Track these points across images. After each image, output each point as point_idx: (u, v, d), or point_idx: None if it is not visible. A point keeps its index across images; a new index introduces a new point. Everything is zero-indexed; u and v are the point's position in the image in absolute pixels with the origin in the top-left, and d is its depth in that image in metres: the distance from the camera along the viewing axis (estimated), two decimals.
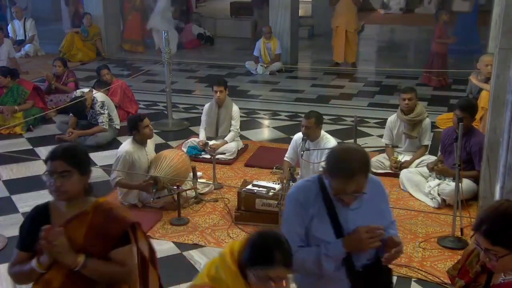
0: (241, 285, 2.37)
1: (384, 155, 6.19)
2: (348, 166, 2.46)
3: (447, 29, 10.07)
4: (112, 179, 5.32)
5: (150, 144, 5.60)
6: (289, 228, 2.64)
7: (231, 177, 6.06)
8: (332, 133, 5.85)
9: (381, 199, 2.75)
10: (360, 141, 5.63)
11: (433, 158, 5.94)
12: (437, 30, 9.91)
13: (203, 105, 6.91)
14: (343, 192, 2.48)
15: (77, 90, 7.51)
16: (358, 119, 5.37)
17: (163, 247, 4.69)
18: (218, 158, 6.21)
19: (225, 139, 6.57)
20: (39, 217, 2.63)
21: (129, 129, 5.42)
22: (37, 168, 6.33)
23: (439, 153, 5.86)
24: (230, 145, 6.51)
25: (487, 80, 6.60)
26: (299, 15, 12.55)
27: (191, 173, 5.56)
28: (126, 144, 5.38)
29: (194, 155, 6.41)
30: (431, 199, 5.42)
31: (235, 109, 6.69)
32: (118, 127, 7.29)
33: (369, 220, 2.58)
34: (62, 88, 8.52)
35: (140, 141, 5.41)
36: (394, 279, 3.64)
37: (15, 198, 5.59)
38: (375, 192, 2.67)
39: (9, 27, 12.78)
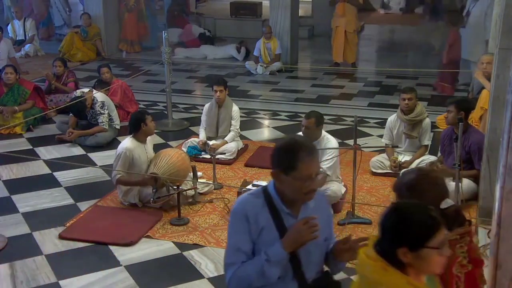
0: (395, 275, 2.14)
1: (384, 155, 6.19)
2: (305, 144, 2.43)
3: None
4: (113, 177, 5.34)
5: (149, 143, 5.60)
6: (235, 245, 2.53)
7: (231, 177, 6.06)
8: (332, 133, 5.84)
9: (325, 211, 2.71)
10: (360, 141, 5.62)
11: (433, 158, 5.95)
12: (451, 36, 9.13)
13: (203, 105, 6.91)
14: (309, 177, 2.41)
15: (77, 90, 7.51)
16: (358, 119, 5.37)
17: (163, 247, 4.69)
18: (218, 158, 6.22)
19: (225, 139, 6.57)
20: None
21: (135, 124, 5.40)
22: (37, 168, 6.33)
23: (439, 153, 5.86)
24: (230, 145, 6.51)
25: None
26: (299, 15, 12.54)
27: (191, 173, 5.56)
28: (126, 142, 5.39)
29: (194, 155, 6.41)
30: None
31: (235, 109, 6.69)
32: (118, 127, 7.29)
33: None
34: (62, 88, 8.52)
35: (141, 138, 5.42)
36: None
37: (15, 198, 5.58)
38: (319, 203, 2.64)
39: (9, 27, 12.77)
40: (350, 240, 2.55)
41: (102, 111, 7.05)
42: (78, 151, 6.88)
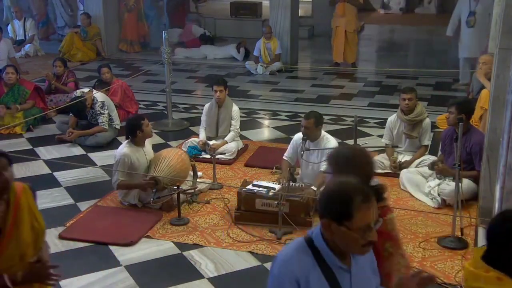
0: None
1: (384, 155, 6.19)
2: (360, 189, 2.11)
3: None
4: (113, 183, 5.34)
5: (148, 144, 5.60)
6: None
7: (231, 177, 6.06)
8: (332, 133, 5.85)
9: (370, 256, 2.35)
10: (360, 141, 5.62)
11: (433, 158, 5.94)
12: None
13: (203, 105, 6.91)
14: (367, 227, 2.09)
15: (77, 90, 7.51)
16: (358, 119, 5.37)
17: (163, 247, 4.69)
18: (218, 158, 6.21)
19: (225, 139, 6.57)
20: None
21: (131, 131, 5.37)
22: (37, 168, 6.33)
23: (439, 153, 5.86)
24: (230, 145, 6.51)
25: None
26: (299, 15, 12.54)
27: (191, 172, 5.56)
28: (123, 147, 5.37)
29: (194, 155, 6.41)
30: (431, 199, 5.42)
31: (235, 109, 6.69)
32: (118, 127, 7.28)
33: (366, 281, 2.26)
34: (62, 88, 8.52)
35: (139, 142, 5.40)
36: None
37: None
38: None
39: (9, 27, 12.77)
40: (421, 275, 2.20)
41: (102, 111, 7.05)
42: (78, 151, 6.88)
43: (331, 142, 5.38)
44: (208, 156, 6.34)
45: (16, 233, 2.50)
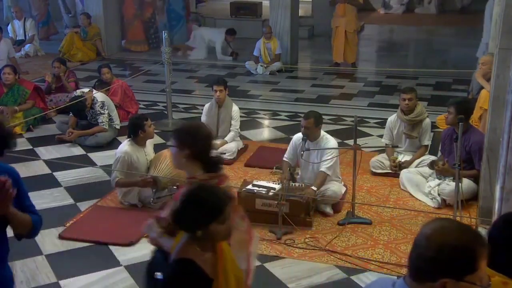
0: None
1: (384, 155, 6.19)
2: (480, 235, 1.81)
3: None
4: (112, 180, 5.34)
5: (149, 145, 5.60)
6: None
7: (231, 177, 6.05)
8: (332, 133, 5.85)
9: None
10: (360, 141, 5.62)
11: (433, 158, 5.94)
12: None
13: (203, 105, 6.91)
14: (485, 277, 1.79)
15: (77, 90, 7.51)
16: (358, 119, 5.37)
17: None
18: None
19: (225, 139, 6.57)
20: None
21: (134, 130, 5.38)
22: (37, 168, 6.33)
23: (439, 153, 5.86)
24: (230, 145, 6.51)
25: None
26: (299, 15, 12.53)
27: None
28: (124, 146, 5.37)
29: None
30: (431, 199, 5.42)
31: (235, 109, 6.69)
32: (118, 127, 7.29)
33: None
34: (66, 84, 8.50)
35: (140, 142, 5.41)
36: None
37: None
38: None
39: (9, 27, 12.77)
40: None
41: (102, 111, 7.05)
42: (78, 151, 6.88)
43: (331, 142, 5.38)
44: None
45: (226, 285, 2.44)
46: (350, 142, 6.03)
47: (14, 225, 2.67)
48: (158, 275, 2.53)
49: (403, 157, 6.12)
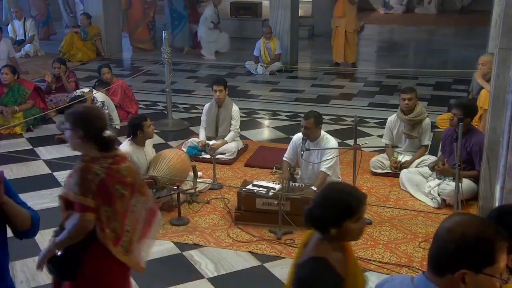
0: None
1: (384, 155, 6.20)
2: (498, 229, 1.83)
3: None
4: None
5: (149, 145, 5.60)
6: None
7: (231, 177, 6.06)
8: (332, 133, 5.85)
9: None
10: (360, 141, 5.62)
11: (433, 158, 5.94)
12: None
13: (203, 105, 6.91)
14: (504, 270, 1.82)
15: (77, 90, 7.51)
16: (358, 119, 5.37)
17: (163, 247, 4.69)
18: (218, 158, 6.21)
19: (225, 139, 6.57)
20: None
21: (133, 130, 5.38)
22: (37, 168, 6.33)
23: (439, 153, 5.85)
24: (230, 145, 6.51)
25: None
26: (299, 15, 12.54)
27: (191, 172, 5.56)
28: (124, 146, 5.37)
29: (194, 155, 6.41)
30: (431, 199, 5.42)
31: (235, 109, 6.69)
32: (118, 127, 7.29)
33: None
34: (66, 84, 8.50)
35: (140, 142, 5.41)
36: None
37: None
38: None
39: (9, 27, 12.77)
40: None
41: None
42: None
43: (331, 142, 5.38)
44: (208, 156, 6.34)
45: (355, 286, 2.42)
46: (350, 142, 6.03)
47: (12, 217, 2.62)
48: None
49: (403, 157, 6.12)
